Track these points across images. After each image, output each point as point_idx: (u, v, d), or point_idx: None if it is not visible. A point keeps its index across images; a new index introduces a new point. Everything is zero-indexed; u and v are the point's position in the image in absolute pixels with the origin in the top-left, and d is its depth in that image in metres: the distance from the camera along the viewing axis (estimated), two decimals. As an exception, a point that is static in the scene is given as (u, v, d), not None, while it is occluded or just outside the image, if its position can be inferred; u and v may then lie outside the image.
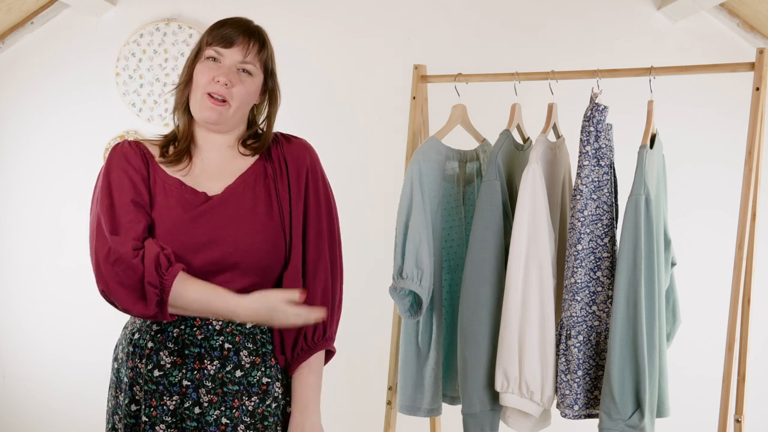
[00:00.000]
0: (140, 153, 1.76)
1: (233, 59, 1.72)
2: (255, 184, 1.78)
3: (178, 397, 1.69)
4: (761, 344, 3.12)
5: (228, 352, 1.71)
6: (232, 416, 1.71)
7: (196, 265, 1.69)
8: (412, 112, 2.53)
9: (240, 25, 1.74)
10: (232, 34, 1.71)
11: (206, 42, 1.74)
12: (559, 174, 2.41)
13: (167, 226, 1.70)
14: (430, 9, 3.31)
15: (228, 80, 1.71)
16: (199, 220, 1.71)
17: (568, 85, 2.47)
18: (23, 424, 3.62)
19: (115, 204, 1.69)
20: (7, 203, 3.56)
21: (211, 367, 1.70)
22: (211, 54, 1.72)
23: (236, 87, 1.73)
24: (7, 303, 3.59)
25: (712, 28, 3.17)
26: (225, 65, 1.72)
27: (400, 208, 2.31)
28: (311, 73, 3.37)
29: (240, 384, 1.72)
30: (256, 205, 1.75)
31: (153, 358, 1.70)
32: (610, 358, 2.07)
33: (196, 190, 1.75)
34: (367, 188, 3.33)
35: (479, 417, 2.25)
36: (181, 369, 1.70)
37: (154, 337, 1.71)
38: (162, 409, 1.69)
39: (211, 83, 1.71)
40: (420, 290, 2.27)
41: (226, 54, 1.72)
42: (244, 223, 1.73)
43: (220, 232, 1.71)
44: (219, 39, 1.72)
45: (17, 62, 3.50)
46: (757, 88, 2.13)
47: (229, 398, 1.71)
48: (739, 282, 2.13)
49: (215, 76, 1.71)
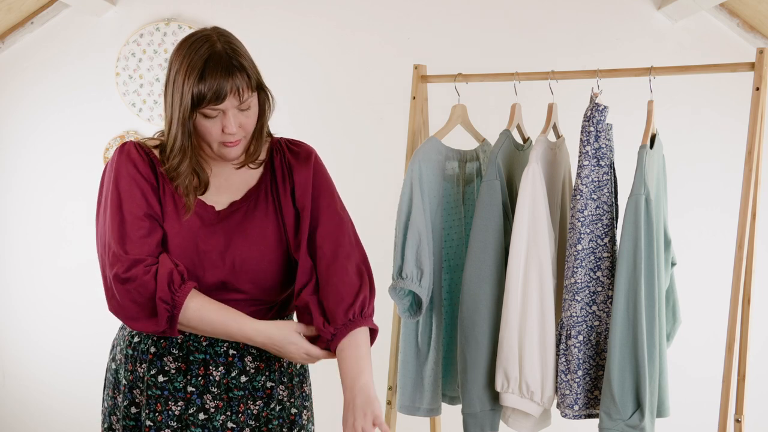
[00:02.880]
0: (148, 159, 1.71)
1: (231, 105, 1.63)
2: (264, 198, 1.75)
3: (183, 402, 1.69)
4: (761, 344, 3.12)
5: (233, 358, 1.71)
6: (238, 420, 1.71)
7: (206, 278, 1.68)
8: (412, 112, 2.53)
9: (219, 68, 1.60)
10: (219, 86, 1.60)
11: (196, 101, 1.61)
12: (559, 174, 2.41)
13: (178, 240, 1.68)
14: (430, 9, 3.31)
15: (237, 125, 1.64)
16: (210, 233, 1.70)
17: (568, 85, 2.47)
18: (23, 424, 3.62)
19: (126, 218, 1.64)
20: (7, 203, 3.56)
21: (217, 373, 1.70)
22: (209, 113, 1.62)
23: (244, 124, 1.66)
24: (7, 303, 3.59)
25: (712, 28, 3.17)
26: (228, 115, 1.63)
27: (400, 208, 2.31)
28: (311, 73, 3.37)
29: (245, 389, 1.72)
30: (265, 222, 1.72)
31: (156, 363, 1.70)
32: (610, 358, 2.07)
33: (205, 203, 1.72)
34: (366, 188, 3.33)
35: (479, 417, 2.25)
36: (186, 375, 1.69)
37: (156, 343, 1.70)
38: (167, 414, 1.69)
39: (222, 135, 1.65)
40: (420, 290, 2.27)
41: (223, 107, 1.62)
42: (253, 238, 1.71)
43: (230, 247, 1.69)
44: (210, 98, 1.60)
45: (17, 62, 3.50)
46: (757, 88, 2.13)
47: (235, 403, 1.71)
48: (739, 282, 2.13)
49: (224, 128, 1.64)
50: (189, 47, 1.63)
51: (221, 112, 1.62)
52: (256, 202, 1.74)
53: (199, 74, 1.59)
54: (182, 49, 1.64)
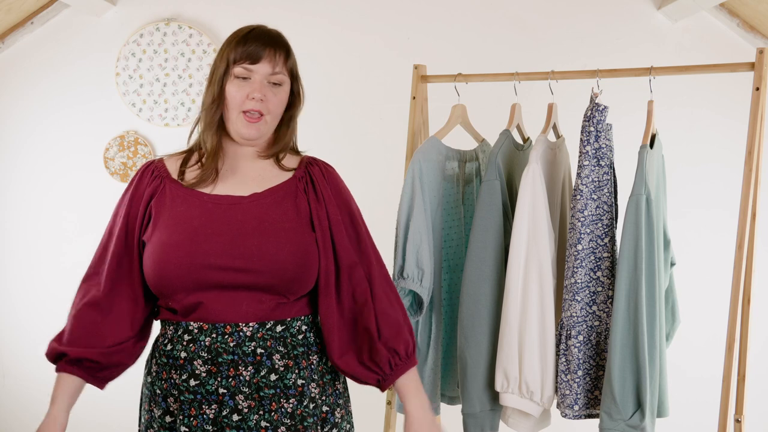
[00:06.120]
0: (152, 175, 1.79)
1: (263, 73, 1.71)
2: (284, 199, 1.76)
3: (217, 405, 1.70)
4: (761, 344, 3.12)
5: (261, 357, 1.71)
6: (272, 419, 1.71)
7: (216, 266, 1.68)
8: (412, 112, 2.53)
9: (263, 37, 1.72)
10: (257, 49, 1.70)
11: (232, 60, 1.71)
12: (559, 174, 2.41)
13: (187, 233, 1.69)
14: (430, 9, 3.32)
15: (262, 95, 1.70)
16: (223, 222, 1.71)
17: (568, 85, 2.47)
18: (23, 424, 3.62)
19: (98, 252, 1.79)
20: (8, 203, 3.56)
21: (246, 373, 1.70)
22: (240, 72, 1.70)
23: (270, 100, 1.73)
24: (7, 303, 3.59)
25: (712, 28, 3.18)
26: (256, 81, 1.71)
27: (401, 208, 2.31)
28: (311, 73, 3.36)
29: (276, 387, 1.72)
30: (283, 219, 1.73)
31: (187, 367, 1.71)
32: (610, 358, 2.07)
33: (219, 196, 1.74)
34: (366, 188, 3.32)
35: (479, 417, 2.25)
36: (216, 377, 1.70)
37: (186, 347, 1.71)
38: (202, 418, 1.70)
39: (245, 101, 1.71)
40: (421, 290, 2.27)
41: (255, 69, 1.70)
42: (269, 231, 1.71)
43: (245, 235, 1.70)
44: (246, 56, 1.69)
45: (17, 62, 3.50)
46: (757, 88, 2.13)
47: (267, 402, 1.71)
48: (739, 282, 2.13)
49: (249, 93, 1.70)
50: (239, 29, 1.76)
51: (251, 77, 1.71)
52: (280, 203, 1.75)
53: (241, 38, 1.72)
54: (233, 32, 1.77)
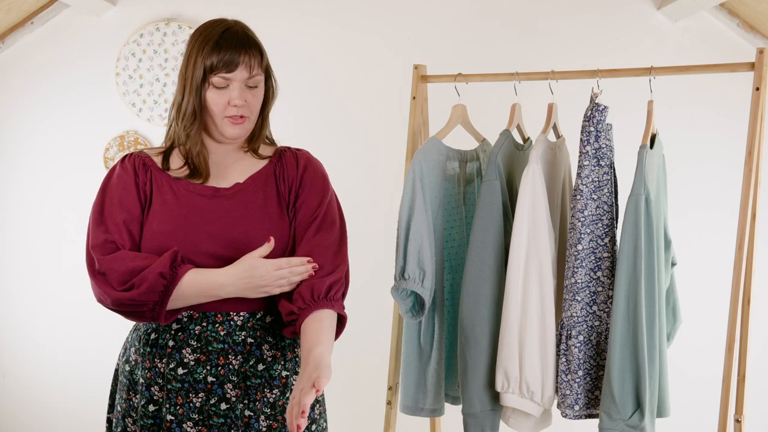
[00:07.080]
0: (140, 164, 1.80)
1: (241, 79, 1.73)
2: (266, 185, 1.81)
3: (204, 393, 1.72)
4: (761, 344, 3.12)
5: (251, 347, 1.74)
6: (255, 408, 1.74)
7: (207, 254, 1.72)
8: (412, 112, 2.53)
9: (235, 41, 1.73)
10: (233, 56, 1.71)
11: (209, 68, 1.72)
12: (559, 174, 2.41)
13: (178, 221, 1.73)
14: (429, 9, 3.31)
15: (243, 101, 1.74)
16: (211, 211, 1.75)
17: (568, 85, 2.47)
18: (23, 424, 3.62)
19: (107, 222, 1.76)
20: (8, 203, 3.56)
21: (235, 362, 1.73)
22: (218, 82, 1.72)
23: (250, 102, 1.76)
24: (7, 303, 3.59)
25: (712, 28, 3.18)
26: (235, 88, 1.73)
27: (402, 208, 2.30)
28: (311, 73, 3.37)
29: (262, 377, 1.75)
30: (266, 204, 1.78)
31: (175, 356, 1.73)
32: (610, 358, 2.07)
33: (204, 186, 1.78)
34: (367, 188, 3.33)
35: (479, 417, 2.25)
36: (206, 366, 1.72)
37: (174, 336, 1.73)
38: (188, 406, 1.72)
39: (227, 107, 1.74)
40: (422, 291, 2.27)
41: (232, 77, 1.73)
42: (254, 218, 1.76)
43: (232, 224, 1.74)
44: (222, 65, 1.71)
45: (17, 62, 3.50)
46: (757, 88, 2.13)
47: (252, 391, 1.74)
48: (739, 282, 2.13)
49: (230, 100, 1.74)
50: (205, 27, 1.77)
51: (229, 84, 1.73)
52: (262, 189, 1.80)
53: (214, 45, 1.72)
54: (199, 29, 1.78)
